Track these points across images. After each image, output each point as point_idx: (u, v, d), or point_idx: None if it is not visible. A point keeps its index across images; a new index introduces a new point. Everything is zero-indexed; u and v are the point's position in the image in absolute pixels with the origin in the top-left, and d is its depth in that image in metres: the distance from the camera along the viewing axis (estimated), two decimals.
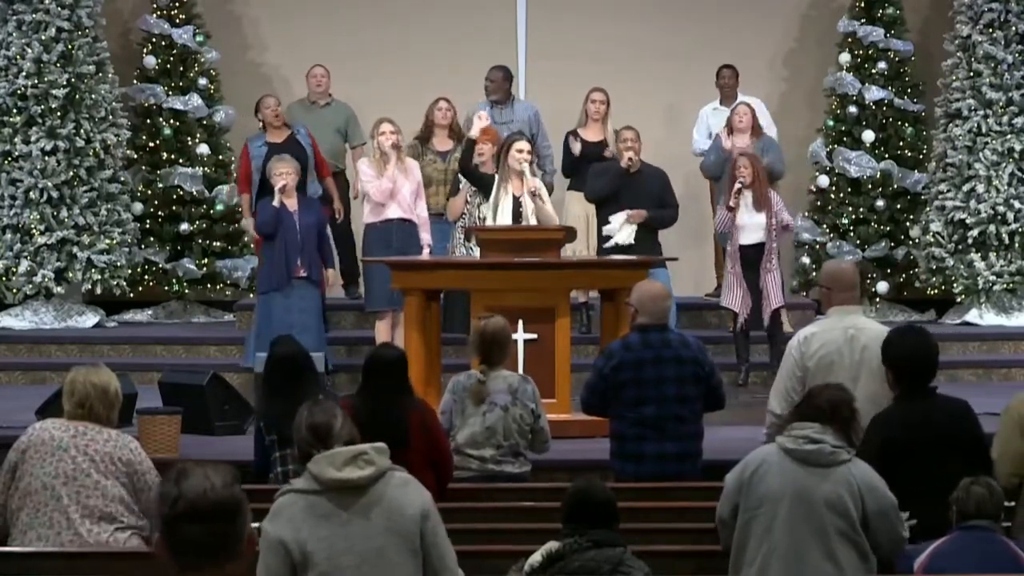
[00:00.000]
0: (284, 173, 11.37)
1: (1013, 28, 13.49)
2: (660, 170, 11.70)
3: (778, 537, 5.78)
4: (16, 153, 13.25)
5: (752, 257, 11.72)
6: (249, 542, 3.31)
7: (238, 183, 12.72)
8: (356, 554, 4.78)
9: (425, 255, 11.41)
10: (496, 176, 10.91)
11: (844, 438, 5.90)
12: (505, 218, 10.62)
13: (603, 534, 5.56)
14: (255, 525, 6.03)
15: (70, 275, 13.33)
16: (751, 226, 11.72)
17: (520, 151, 10.68)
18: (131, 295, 13.85)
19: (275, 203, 11.37)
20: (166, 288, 14.07)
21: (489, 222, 10.70)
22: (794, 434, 5.89)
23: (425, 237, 11.64)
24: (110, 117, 13.55)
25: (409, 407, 7.41)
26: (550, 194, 13.08)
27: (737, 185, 11.64)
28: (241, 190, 12.53)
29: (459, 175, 11.43)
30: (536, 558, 5.57)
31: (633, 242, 11.26)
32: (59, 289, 13.34)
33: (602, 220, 11.54)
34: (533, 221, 10.56)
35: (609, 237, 11.35)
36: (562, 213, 12.49)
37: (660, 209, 11.47)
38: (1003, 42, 13.50)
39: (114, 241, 13.39)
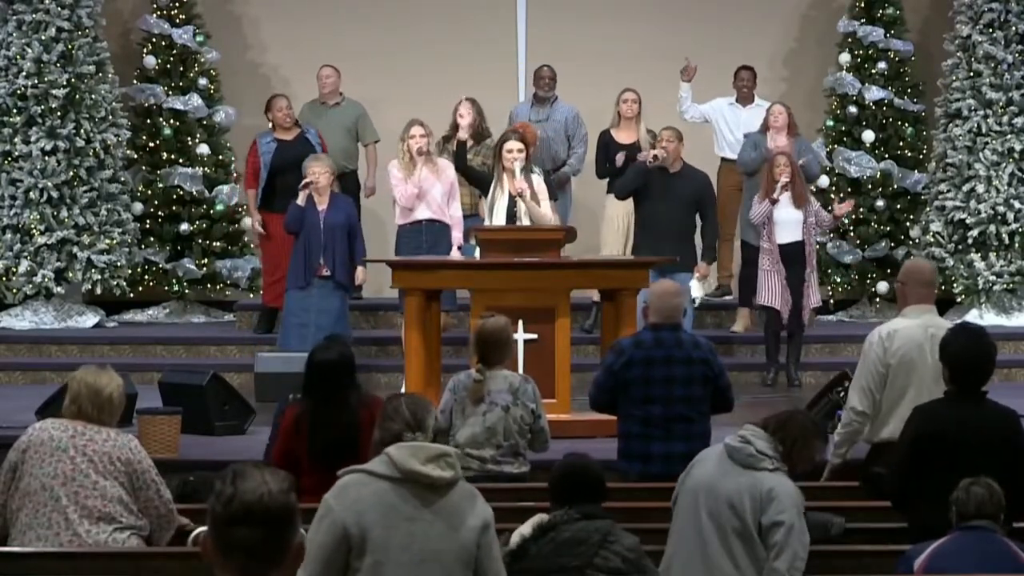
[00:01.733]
0: (316, 172, 11.36)
1: (1013, 28, 13.50)
2: (702, 174, 11.65)
3: (686, 527, 5.83)
4: (16, 153, 13.25)
5: (790, 255, 11.65)
6: (296, 552, 3.22)
7: (245, 179, 12.82)
8: (414, 552, 4.74)
9: (454, 254, 11.35)
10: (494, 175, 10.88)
11: (781, 455, 5.83)
12: (499, 218, 10.59)
13: (591, 507, 5.63)
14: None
15: (70, 275, 13.33)
16: (790, 224, 11.64)
17: (510, 151, 10.58)
18: (131, 295, 13.85)
19: (299, 202, 11.35)
20: (166, 288, 14.07)
21: (486, 222, 10.70)
22: (739, 433, 5.92)
23: (457, 236, 11.57)
24: (110, 117, 13.55)
25: (358, 406, 7.32)
26: (563, 184, 13.03)
27: (784, 180, 11.57)
28: (248, 185, 12.69)
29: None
30: (525, 529, 5.61)
31: (704, 295, 11.39)
32: (59, 289, 13.34)
33: (638, 220, 11.50)
34: (526, 221, 10.51)
35: (650, 237, 11.40)
36: (602, 215, 12.61)
37: (703, 226, 11.52)
38: (1003, 42, 13.51)
39: (114, 241, 13.39)
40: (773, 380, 11.83)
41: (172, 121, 14.12)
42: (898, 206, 14.12)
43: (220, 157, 14.20)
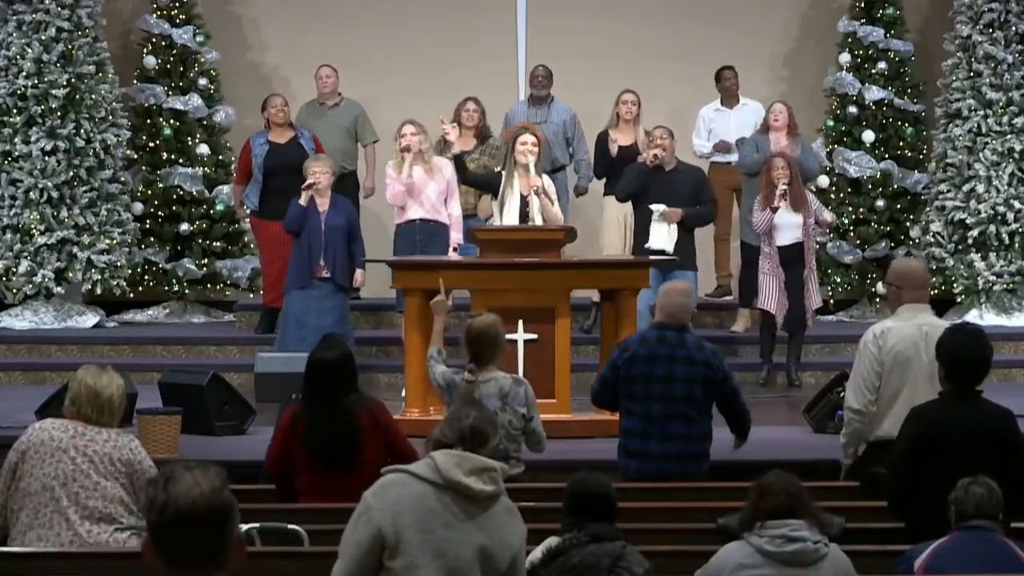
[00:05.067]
0: (317, 172, 11.37)
1: (1013, 28, 13.50)
2: (697, 169, 11.70)
3: None
4: (16, 153, 13.26)
5: (789, 257, 11.65)
6: (237, 547, 3.21)
7: (235, 174, 12.95)
8: (448, 559, 4.68)
9: (451, 255, 11.30)
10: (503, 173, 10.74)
11: (815, 525, 5.46)
12: (511, 217, 10.39)
13: (602, 528, 5.53)
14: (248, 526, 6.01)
15: (70, 275, 13.33)
16: (788, 226, 11.64)
17: (524, 143, 10.42)
18: (131, 295, 13.86)
19: (302, 201, 11.35)
20: (166, 288, 14.07)
21: (495, 221, 10.59)
22: (770, 534, 5.38)
23: (455, 236, 11.54)
24: (110, 117, 13.56)
25: (356, 407, 7.25)
26: (577, 196, 12.99)
27: (782, 187, 11.57)
28: (236, 181, 12.85)
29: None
30: (536, 555, 5.56)
31: (672, 249, 11.20)
32: (59, 289, 13.34)
33: (637, 221, 11.49)
34: (539, 221, 10.36)
35: (647, 237, 11.30)
36: (600, 217, 12.58)
37: (695, 207, 11.43)
38: (1003, 42, 13.51)
39: (114, 241, 13.39)
40: (766, 379, 11.89)
41: (172, 121, 14.13)
42: (898, 206, 14.12)
43: (220, 157, 14.21)
